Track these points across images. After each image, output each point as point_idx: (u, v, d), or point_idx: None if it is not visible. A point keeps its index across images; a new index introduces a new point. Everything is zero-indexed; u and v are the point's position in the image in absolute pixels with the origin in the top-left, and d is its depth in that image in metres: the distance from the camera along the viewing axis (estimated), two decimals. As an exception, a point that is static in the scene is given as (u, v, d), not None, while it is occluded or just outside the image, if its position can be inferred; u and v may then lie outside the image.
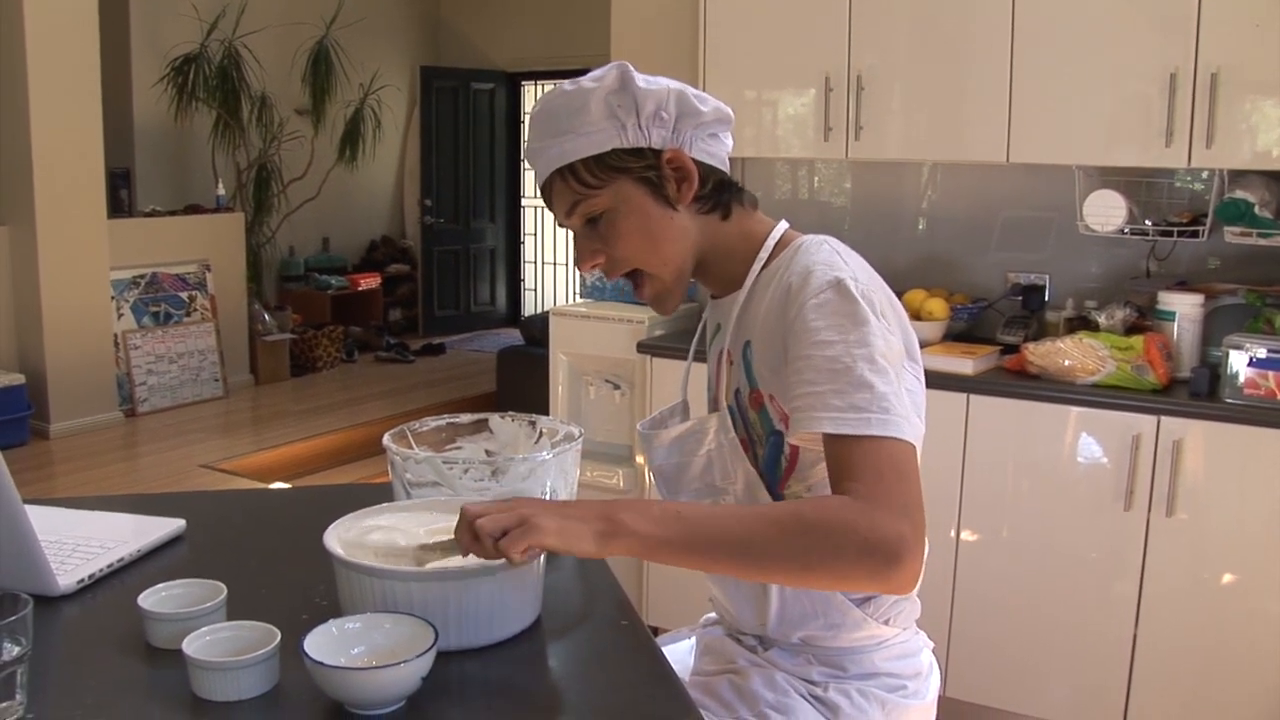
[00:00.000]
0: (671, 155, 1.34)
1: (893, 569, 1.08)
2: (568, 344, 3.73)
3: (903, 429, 1.15)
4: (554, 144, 1.34)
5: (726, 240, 1.40)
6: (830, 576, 1.11)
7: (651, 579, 3.53)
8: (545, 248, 9.97)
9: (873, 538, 1.08)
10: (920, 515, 1.12)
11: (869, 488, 1.12)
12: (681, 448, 1.47)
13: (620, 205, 1.34)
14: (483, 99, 9.42)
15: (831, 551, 1.09)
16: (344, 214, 8.78)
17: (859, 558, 1.08)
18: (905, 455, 1.15)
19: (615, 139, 1.32)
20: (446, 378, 7.63)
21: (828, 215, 3.75)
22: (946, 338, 3.23)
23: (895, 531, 1.08)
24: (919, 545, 1.10)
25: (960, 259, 3.51)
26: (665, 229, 1.36)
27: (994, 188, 3.44)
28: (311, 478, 5.59)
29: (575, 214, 1.36)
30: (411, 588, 1.16)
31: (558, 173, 1.35)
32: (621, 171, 1.33)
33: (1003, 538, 2.93)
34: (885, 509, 1.10)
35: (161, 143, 7.35)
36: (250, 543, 1.59)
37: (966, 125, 3.07)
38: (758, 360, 1.36)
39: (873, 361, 1.18)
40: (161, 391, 6.58)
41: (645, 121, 1.33)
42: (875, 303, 1.25)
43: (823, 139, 3.29)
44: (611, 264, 1.38)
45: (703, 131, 1.36)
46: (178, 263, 6.77)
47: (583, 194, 1.34)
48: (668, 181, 1.35)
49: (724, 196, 1.40)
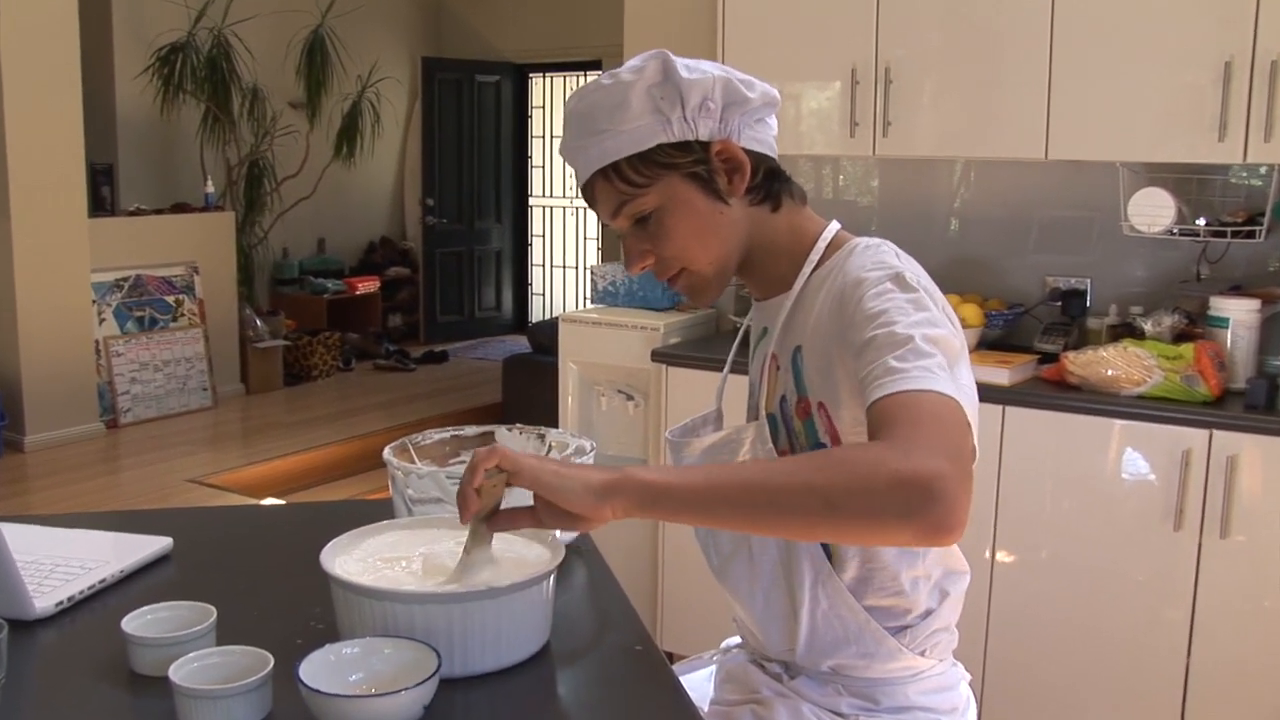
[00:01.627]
0: (721, 147, 1.34)
1: (931, 506, 1.02)
2: (578, 352, 3.73)
3: (944, 385, 1.12)
4: (594, 142, 1.34)
5: (775, 235, 1.41)
6: (859, 519, 1.05)
7: (668, 600, 3.52)
8: (554, 250, 9.98)
9: (906, 470, 1.03)
10: (966, 460, 1.07)
11: (904, 431, 1.08)
12: (714, 458, 1.47)
13: (669, 203, 1.34)
14: (488, 92, 9.44)
15: (860, 486, 1.03)
16: (341, 214, 8.81)
17: (891, 492, 1.02)
18: (947, 406, 1.11)
19: (660, 134, 1.32)
20: (449, 387, 7.63)
21: (854, 216, 3.75)
22: (981, 346, 3.23)
23: (933, 466, 1.03)
24: (962, 487, 1.04)
25: (995, 262, 3.50)
26: (717, 225, 1.36)
27: (1032, 186, 3.43)
28: (306, 493, 5.59)
29: (622, 215, 1.36)
30: (413, 610, 1.16)
31: (600, 173, 1.35)
32: (669, 168, 1.33)
33: (1041, 560, 2.91)
34: (922, 448, 1.05)
35: (146, 137, 7.38)
36: (241, 562, 1.59)
37: (1002, 119, 3.07)
38: (809, 366, 1.35)
39: (932, 341, 1.17)
40: (146, 401, 6.60)
41: (691, 114, 1.33)
42: (936, 300, 1.26)
43: (848, 135, 3.29)
44: (662, 264, 1.39)
45: (750, 118, 1.37)
46: (164, 264, 6.79)
47: (629, 194, 1.34)
48: (718, 175, 1.35)
49: (775, 186, 1.40)
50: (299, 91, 7.86)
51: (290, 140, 7.64)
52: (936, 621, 1.40)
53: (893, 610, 1.38)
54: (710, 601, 1.61)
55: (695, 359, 3.40)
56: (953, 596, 1.41)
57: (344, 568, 1.26)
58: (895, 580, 1.36)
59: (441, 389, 7.58)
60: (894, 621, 1.38)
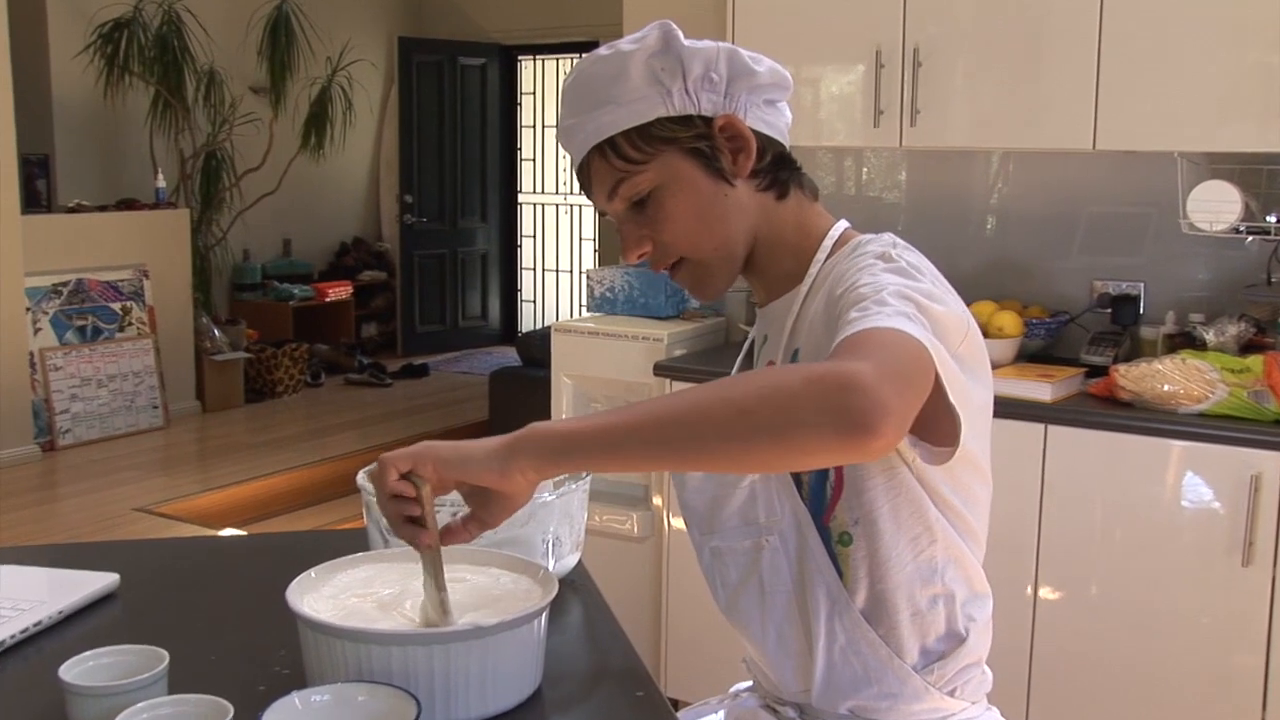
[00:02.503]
0: (724, 122, 1.37)
1: (848, 399, 1.03)
2: (573, 365, 3.73)
3: (910, 326, 1.14)
4: (590, 118, 1.37)
5: (780, 229, 1.43)
6: (774, 426, 1.06)
7: (672, 640, 3.52)
8: (546, 252, 10.00)
9: (824, 370, 1.05)
10: (900, 368, 1.08)
11: (842, 356, 1.10)
12: (719, 480, 1.47)
13: (668, 182, 1.38)
14: (472, 76, 9.47)
15: (774, 393, 1.06)
16: (309, 212, 8.83)
17: (805, 391, 1.04)
18: (903, 342, 1.12)
19: (660, 107, 1.36)
20: (430, 404, 7.64)
21: (878, 213, 3.75)
22: (1020, 358, 3.23)
23: (851, 365, 1.05)
24: (888, 384, 1.05)
25: (1037, 265, 3.51)
26: (720, 207, 1.39)
27: (1078, 180, 3.44)
28: (270, 523, 5.59)
29: (618, 196, 1.39)
30: (390, 652, 1.16)
31: (596, 150, 1.38)
32: (668, 142, 1.37)
33: (1090, 597, 2.91)
34: (847, 358, 1.08)
35: (88, 125, 7.39)
36: (196, 601, 1.60)
37: (1045, 105, 3.07)
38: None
39: (906, 298, 1.19)
40: (88, 421, 6.61)
41: (693, 85, 1.36)
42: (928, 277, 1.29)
43: (873, 124, 3.29)
44: (660, 251, 1.42)
45: (758, 97, 1.40)
46: (108, 268, 6.80)
47: (625, 171, 1.37)
48: (721, 152, 1.38)
49: (783, 174, 1.43)
50: (261, 74, 7.88)
51: (251, 129, 7.65)
52: (966, 655, 1.40)
53: (915, 638, 1.38)
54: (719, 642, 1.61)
55: (702, 372, 3.40)
56: (980, 623, 1.42)
57: (312, 606, 1.26)
58: (911, 600, 1.37)
59: (421, 406, 7.59)
60: (917, 651, 1.39)
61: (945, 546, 1.36)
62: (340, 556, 1.38)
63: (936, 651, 1.39)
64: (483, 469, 1.15)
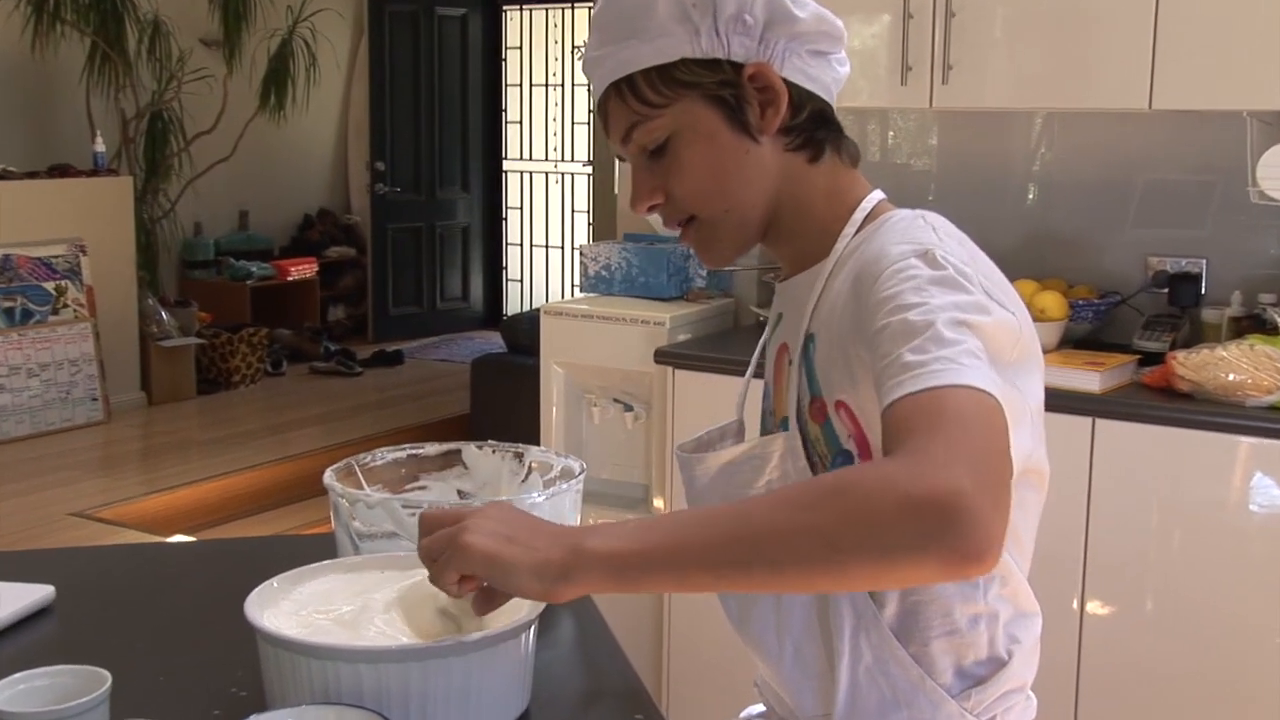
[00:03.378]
0: (755, 70, 1.38)
1: (950, 531, 1.03)
2: (564, 352, 3.73)
3: (975, 377, 1.14)
4: (612, 52, 1.39)
5: (809, 194, 1.43)
6: (870, 559, 1.07)
7: (674, 659, 3.53)
8: (534, 226, 10.00)
9: (917, 491, 1.04)
10: (995, 467, 1.09)
11: (917, 442, 1.09)
12: (733, 477, 1.47)
13: (686, 130, 1.38)
14: (451, 29, 9.46)
15: (864, 518, 1.06)
16: (268, 180, 8.82)
17: (901, 520, 1.05)
18: (975, 402, 1.13)
19: (685, 46, 1.37)
20: (405, 396, 7.64)
21: (905, 182, 3.75)
22: (1065, 343, 3.23)
23: (949, 480, 1.05)
24: (989, 500, 1.05)
25: (1084, 239, 3.51)
26: (739, 163, 1.40)
27: (1131, 144, 3.44)
28: (225, 528, 5.58)
29: (632, 140, 1.41)
30: (360, 671, 1.16)
31: (614, 88, 1.40)
32: (690, 87, 1.38)
33: (1145, 611, 2.92)
34: (935, 460, 1.07)
35: (14, 81, 7.36)
36: (142, 616, 1.60)
37: (1094, 60, 3.07)
38: (820, 358, 1.37)
39: (961, 325, 1.19)
40: (17, 415, 6.60)
41: (724, 26, 1.37)
42: (975, 279, 1.27)
43: (899, 82, 3.29)
44: (671, 205, 1.43)
45: (799, 46, 1.40)
46: (40, 242, 6.78)
47: (642, 114, 1.39)
48: (748, 104, 1.38)
49: (819, 133, 1.44)
50: (213, 25, 7.86)
51: (203, 87, 7.64)
52: (1009, 680, 1.40)
53: (951, 658, 1.38)
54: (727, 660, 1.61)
55: (709, 360, 3.40)
56: (1025, 645, 1.41)
57: (274, 620, 1.26)
58: (948, 617, 1.36)
59: (395, 398, 7.59)
60: (952, 673, 1.39)
61: None
62: (304, 564, 1.38)
63: (975, 675, 1.39)
64: (526, 587, 1.13)
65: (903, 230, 1.34)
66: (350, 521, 1.52)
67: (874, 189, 1.45)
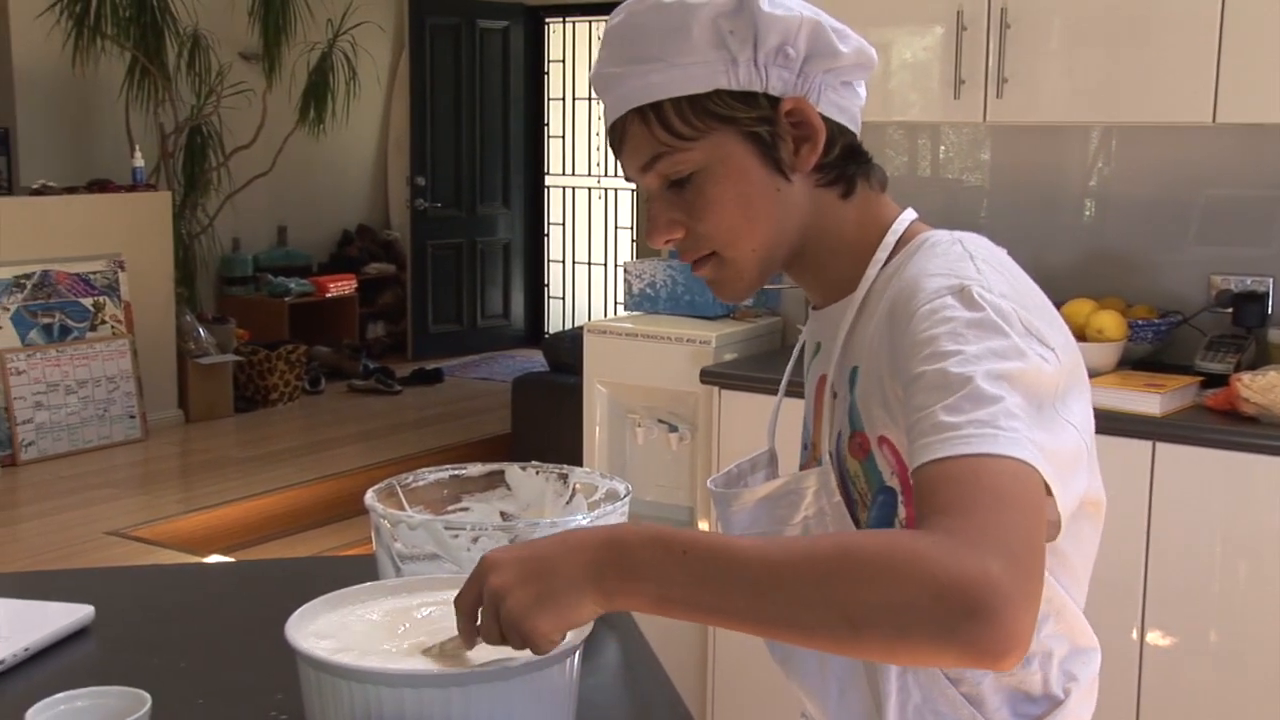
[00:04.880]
0: (793, 106, 1.34)
1: (975, 626, 1.02)
2: (607, 371, 3.74)
3: (1013, 446, 1.12)
4: (636, 72, 1.34)
5: (840, 228, 1.40)
6: (888, 639, 1.06)
7: (719, 685, 3.52)
8: (576, 243, 10.01)
9: (946, 576, 1.02)
10: (1028, 557, 1.07)
11: (954, 519, 1.08)
12: (771, 513, 1.46)
13: (717, 165, 1.34)
14: (493, 42, 9.50)
15: (887, 598, 1.04)
16: (307, 196, 8.87)
17: (926, 606, 1.03)
18: (1012, 476, 1.11)
19: (721, 76, 1.32)
20: (445, 415, 7.67)
21: (957, 198, 3.74)
22: (1123, 365, 3.21)
23: (981, 570, 1.03)
24: (1019, 594, 1.04)
25: (1144, 257, 3.48)
26: (769, 201, 1.36)
27: (1194, 159, 3.41)
28: (263, 548, 5.62)
29: (655, 170, 1.36)
30: (403, 695, 1.16)
31: (637, 112, 1.35)
32: (725, 121, 1.33)
33: (1208, 645, 2.89)
34: (971, 543, 1.05)
35: (54, 96, 7.44)
36: (182, 637, 1.60)
37: (1155, 72, 3.05)
38: (862, 392, 1.35)
39: (1001, 378, 1.17)
40: (55, 432, 6.66)
41: (765, 57, 1.33)
42: (1014, 317, 1.24)
43: (952, 95, 3.28)
44: (692, 240, 1.38)
45: (835, 78, 1.37)
46: (79, 258, 6.84)
47: (670, 146, 1.34)
48: (783, 140, 1.35)
49: (850, 168, 1.40)
50: (253, 39, 7.91)
51: (242, 101, 7.69)
52: (1065, 719, 1.38)
53: (1003, 697, 1.36)
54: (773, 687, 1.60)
55: (755, 380, 3.39)
56: (1083, 684, 1.39)
57: (315, 642, 1.26)
58: None
59: (434, 417, 7.61)
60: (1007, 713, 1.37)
61: (1045, 600, 1.32)
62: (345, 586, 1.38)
63: (1028, 714, 1.36)
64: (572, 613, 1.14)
65: (939, 258, 1.31)
66: (392, 543, 1.52)
67: (905, 209, 1.42)
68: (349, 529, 5.68)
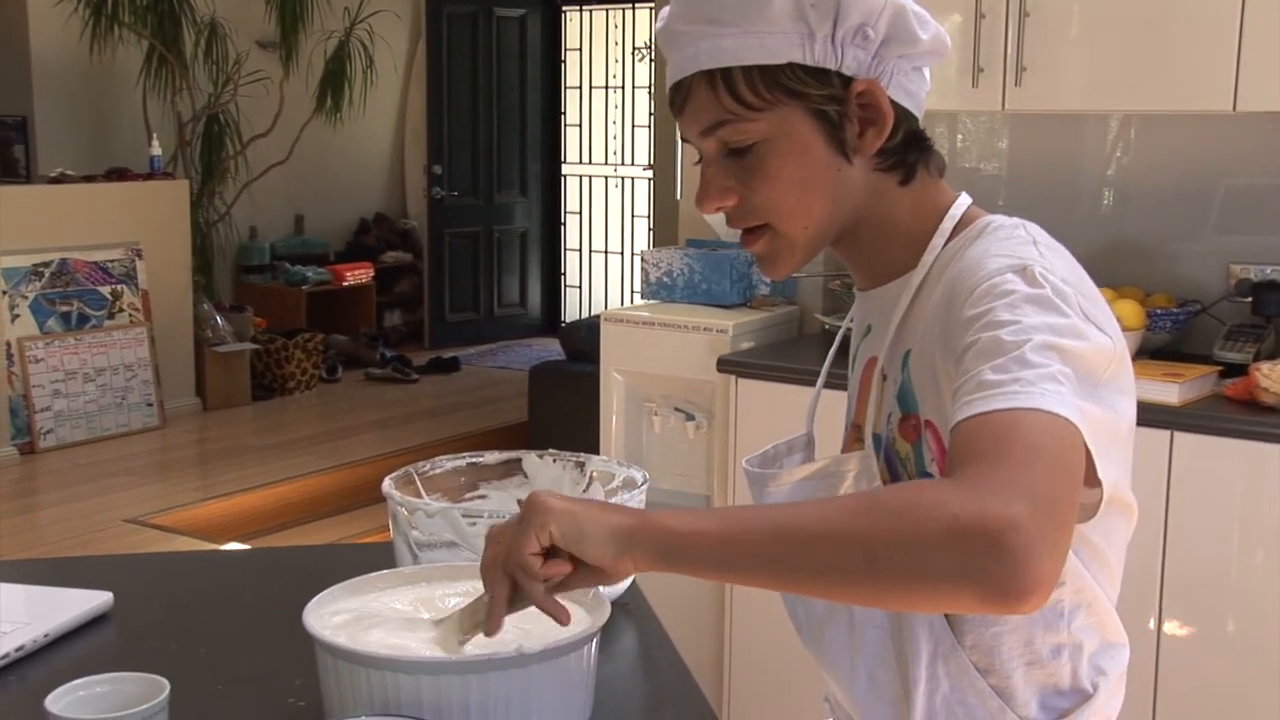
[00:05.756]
0: (865, 88, 1.33)
1: (994, 565, 1.02)
2: (625, 360, 3.74)
3: (1056, 403, 1.11)
4: (708, 32, 1.32)
5: (895, 213, 1.40)
6: (905, 579, 1.06)
7: (736, 671, 3.52)
8: (593, 231, 10.01)
9: (967, 516, 1.03)
10: (1057, 506, 1.06)
11: (982, 467, 1.08)
12: (809, 495, 1.46)
13: (780, 139, 1.33)
14: (510, 31, 9.49)
15: (907, 536, 1.05)
16: (324, 184, 8.88)
17: (945, 544, 1.03)
18: (1050, 431, 1.10)
19: (796, 50, 1.31)
20: (462, 403, 7.68)
21: (975, 187, 3.68)
22: (1142, 354, 3.20)
23: (1004, 511, 1.02)
24: (1043, 540, 1.03)
25: (1162, 246, 3.47)
26: (829, 183, 1.36)
27: (1214, 148, 3.40)
28: (280, 535, 5.63)
29: (716, 136, 1.35)
30: (421, 682, 1.17)
31: (705, 75, 1.33)
32: (794, 95, 1.32)
33: (1226, 635, 2.88)
34: (995, 488, 1.05)
35: (72, 84, 7.45)
36: (200, 624, 1.61)
37: (1175, 61, 3.04)
38: (917, 375, 1.35)
39: (1051, 349, 1.16)
40: (73, 420, 6.68)
41: (843, 35, 1.32)
42: (1074, 300, 1.24)
43: (970, 84, 3.27)
44: (746, 210, 1.38)
45: (908, 64, 1.36)
46: (96, 246, 6.86)
47: (735, 114, 1.33)
48: (849, 121, 1.34)
49: (911, 155, 1.39)
50: (270, 27, 7.92)
51: (259, 90, 7.69)
52: (1093, 713, 1.37)
53: (1032, 689, 1.36)
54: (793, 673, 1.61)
55: (773, 369, 3.39)
56: (1111, 679, 1.39)
57: (332, 630, 1.27)
58: (1029, 646, 1.34)
59: (451, 405, 7.63)
60: (1035, 704, 1.37)
61: (1075, 590, 1.33)
62: (362, 574, 1.38)
63: (1057, 708, 1.36)
64: (599, 551, 1.15)
65: (1004, 241, 1.31)
66: (410, 530, 1.52)
67: (960, 193, 1.42)
68: (366, 516, 5.69)
